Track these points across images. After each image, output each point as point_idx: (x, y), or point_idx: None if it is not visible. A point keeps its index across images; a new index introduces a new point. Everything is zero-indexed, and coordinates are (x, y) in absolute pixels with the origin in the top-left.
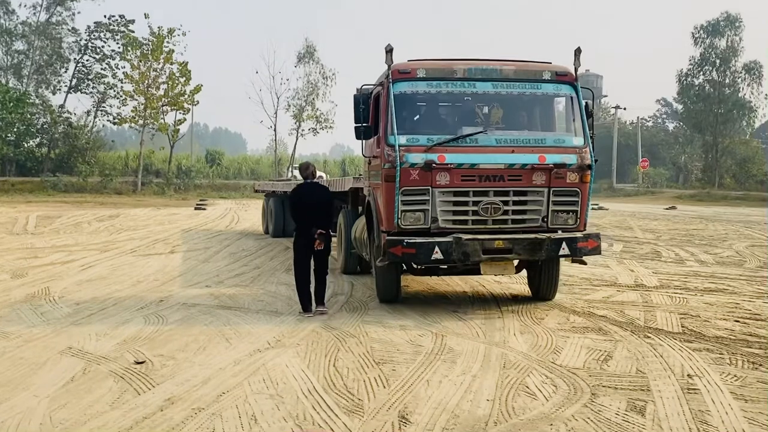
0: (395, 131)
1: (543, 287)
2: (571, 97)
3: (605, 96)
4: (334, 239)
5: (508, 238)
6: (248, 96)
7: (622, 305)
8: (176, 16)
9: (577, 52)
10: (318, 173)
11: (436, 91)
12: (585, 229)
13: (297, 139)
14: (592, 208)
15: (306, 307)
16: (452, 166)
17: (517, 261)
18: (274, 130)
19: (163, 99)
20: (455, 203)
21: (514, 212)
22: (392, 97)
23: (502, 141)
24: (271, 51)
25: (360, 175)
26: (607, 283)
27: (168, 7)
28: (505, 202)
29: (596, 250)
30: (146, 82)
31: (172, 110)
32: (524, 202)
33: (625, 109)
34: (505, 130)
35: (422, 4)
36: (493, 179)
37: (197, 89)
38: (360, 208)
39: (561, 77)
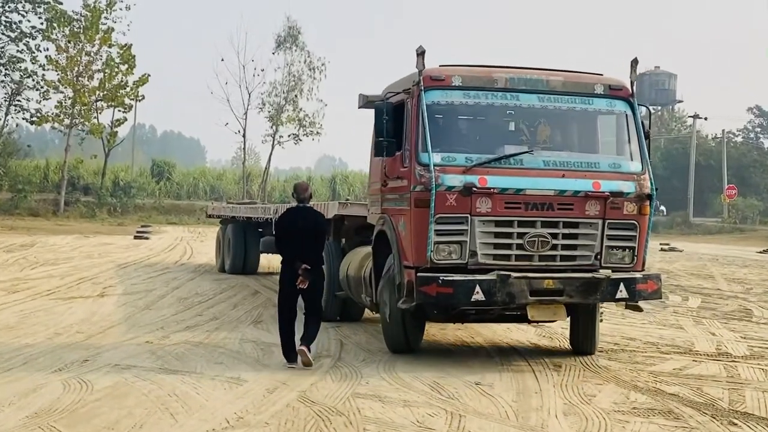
0: (429, 148)
1: (581, 338)
2: (626, 115)
3: (680, 101)
4: None
5: (560, 277)
6: (210, 90)
7: (699, 380)
8: None
9: (634, 63)
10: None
11: (474, 103)
12: (643, 269)
13: (273, 148)
14: (662, 249)
15: (288, 357)
16: (495, 191)
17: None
18: (243, 135)
19: (98, 92)
20: (497, 235)
21: (564, 247)
22: (424, 107)
23: (550, 163)
24: (242, 32)
25: (348, 199)
26: (679, 350)
27: None
28: (554, 235)
29: (656, 294)
30: (76, 69)
31: (108, 107)
32: (575, 236)
33: (705, 119)
34: (552, 150)
35: None
36: (541, 207)
37: (143, 80)
38: (343, 241)
39: (615, 91)
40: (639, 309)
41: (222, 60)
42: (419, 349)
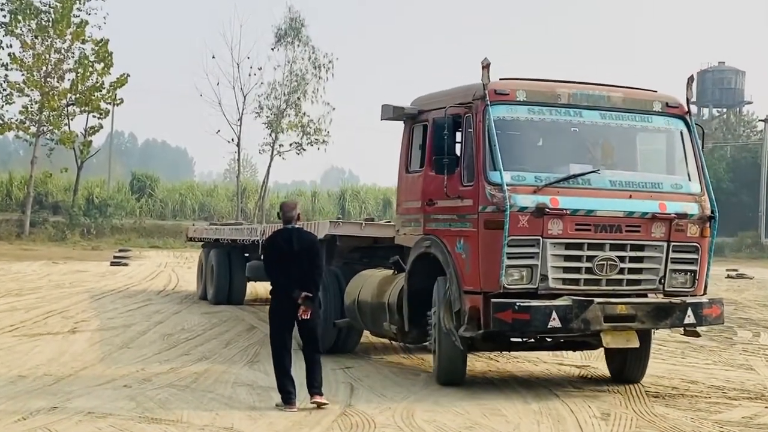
0: (500, 166)
1: (632, 365)
2: (682, 133)
3: (749, 102)
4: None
5: (632, 302)
6: (199, 92)
7: None
8: None
9: (690, 80)
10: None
11: (539, 119)
12: (705, 293)
13: (272, 159)
14: (729, 276)
15: (288, 398)
16: (567, 212)
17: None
18: (238, 144)
19: (69, 95)
20: (567, 258)
21: (630, 270)
22: (492, 123)
23: (616, 183)
24: (236, 25)
25: (340, 218)
26: (750, 395)
27: None
28: (621, 258)
29: (719, 319)
30: (44, 68)
31: (81, 112)
32: (641, 259)
33: None
34: (616, 169)
35: None
36: (610, 230)
37: (121, 81)
38: (333, 263)
39: (672, 109)
40: (697, 335)
41: (213, 57)
42: (443, 392)
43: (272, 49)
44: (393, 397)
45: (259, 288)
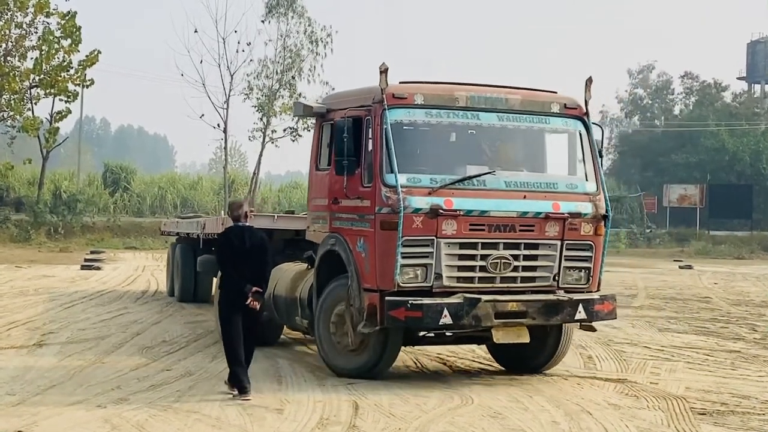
0: (395, 169)
1: (555, 354)
2: (580, 134)
3: None
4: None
5: (522, 299)
6: (180, 71)
7: None
8: None
9: (588, 82)
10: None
11: (437, 122)
12: (599, 290)
13: (263, 147)
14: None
15: (243, 389)
16: (461, 213)
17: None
18: (224, 131)
19: (33, 76)
20: (461, 257)
21: (525, 268)
22: (389, 127)
23: (511, 184)
24: None
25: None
26: None
27: None
28: (515, 257)
29: (612, 315)
30: (4, 46)
31: (47, 95)
32: (535, 257)
33: None
34: (512, 170)
35: None
36: (504, 229)
37: (92, 59)
38: None
39: (570, 110)
40: (593, 329)
41: (195, 31)
42: (460, 412)
43: (263, 21)
44: (403, 417)
45: None
